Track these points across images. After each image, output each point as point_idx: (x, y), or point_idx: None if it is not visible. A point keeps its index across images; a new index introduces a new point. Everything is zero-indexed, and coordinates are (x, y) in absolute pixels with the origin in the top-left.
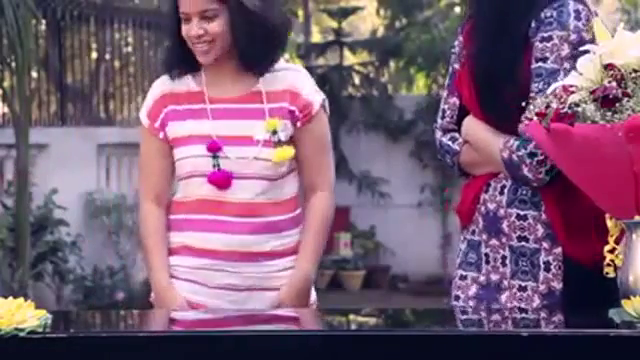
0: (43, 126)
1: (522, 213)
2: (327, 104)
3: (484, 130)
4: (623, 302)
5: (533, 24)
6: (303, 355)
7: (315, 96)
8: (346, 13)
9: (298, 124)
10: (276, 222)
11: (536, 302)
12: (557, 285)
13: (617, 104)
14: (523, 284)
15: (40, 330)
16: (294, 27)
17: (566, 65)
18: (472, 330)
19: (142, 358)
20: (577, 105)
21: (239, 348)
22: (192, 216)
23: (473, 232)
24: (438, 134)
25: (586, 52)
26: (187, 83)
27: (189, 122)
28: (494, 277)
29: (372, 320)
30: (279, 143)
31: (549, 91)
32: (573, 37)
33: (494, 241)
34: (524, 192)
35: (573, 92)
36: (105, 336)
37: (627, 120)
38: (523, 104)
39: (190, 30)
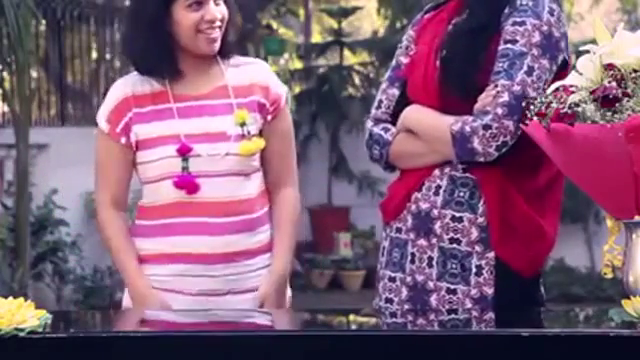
0: (43, 126)
1: (458, 215)
2: (290, 97)
3: (432, 113)
4: (623, 302)
5: (506, 10)
6: (303, 355)
7: (281, 89)
8: (346, 13)
9: (268, 117)
10: (250, 220)
11: (468, 306)
12: (489, 290)
13: (617, 104)
14: (452, 287)
15: (40, 330)
16: (294, 27)
17: (534, 52)
18: (472, 330)
19: (142, 358)
20: (577, 105)
21: (241, 348)
22: (164, 221)
23: (399, 230)
24: (369, 124)
25: (554, 47)
26: (150, 83)
27: (155, 124)
28: (419, 278)
29: (372, 320)
30: (249, 136)
31: (549, 91)
32: (545, 28)
33: (422, 241)
34: (461, 194)
35: (573, 92)
36: (105, 336)
37: (627, 120)
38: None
39: (208, 14)
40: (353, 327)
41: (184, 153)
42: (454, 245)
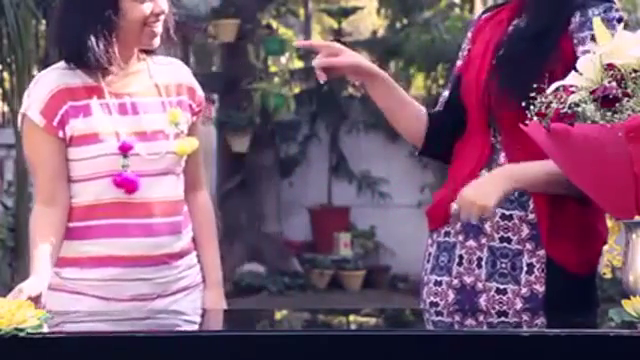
0: None
1: (507, 213)
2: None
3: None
4: (623, 302)
5: (577, 18)
6: (303, 355)
7: (201, 91)
8: (346, 13)
9: (194, 118)
10: (179, 222)
11: (518, 305)
12: (540, 288)
13: (617, 104)
14: (502, 287)
15: (40, 330)
16: (294, 27)
17: None
18: (472, 330)
19: (142, 358)
20: (577, 105)
21: (241, 348)
22: (98, 222)
23: (447, 234)
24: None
25: None
26: (80, 76)
27: (92, 119)
28: (468, 279)
29: (372, 320)
30: (182, 135)
31: (549, 91)
32: None
33: (471, 242)
34: None
35: (573, 92)
36: (105, 336)
37: (627, 120)
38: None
39: (157, 6)
40: (353, 327)
41: (125, 151)
42: (504, 244)
